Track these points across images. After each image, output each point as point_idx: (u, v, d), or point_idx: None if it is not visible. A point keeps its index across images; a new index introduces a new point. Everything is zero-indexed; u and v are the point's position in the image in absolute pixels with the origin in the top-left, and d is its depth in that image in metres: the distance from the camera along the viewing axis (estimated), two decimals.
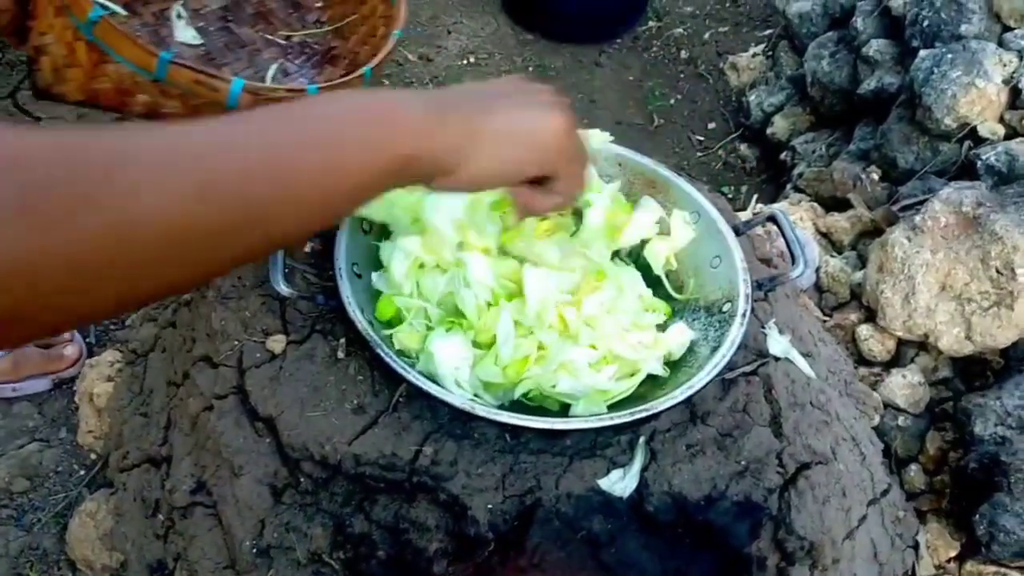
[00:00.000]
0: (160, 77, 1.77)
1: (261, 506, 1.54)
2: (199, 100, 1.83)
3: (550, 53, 3.89)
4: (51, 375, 2.15)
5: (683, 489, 1.52)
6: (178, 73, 1.77)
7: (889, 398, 2.19)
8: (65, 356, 2.15)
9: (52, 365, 2.14)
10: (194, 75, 1.78)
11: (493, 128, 0.93)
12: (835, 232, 2.57)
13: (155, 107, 1.86)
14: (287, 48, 2.35)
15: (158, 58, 1.75)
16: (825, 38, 3.24)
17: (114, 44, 1.76)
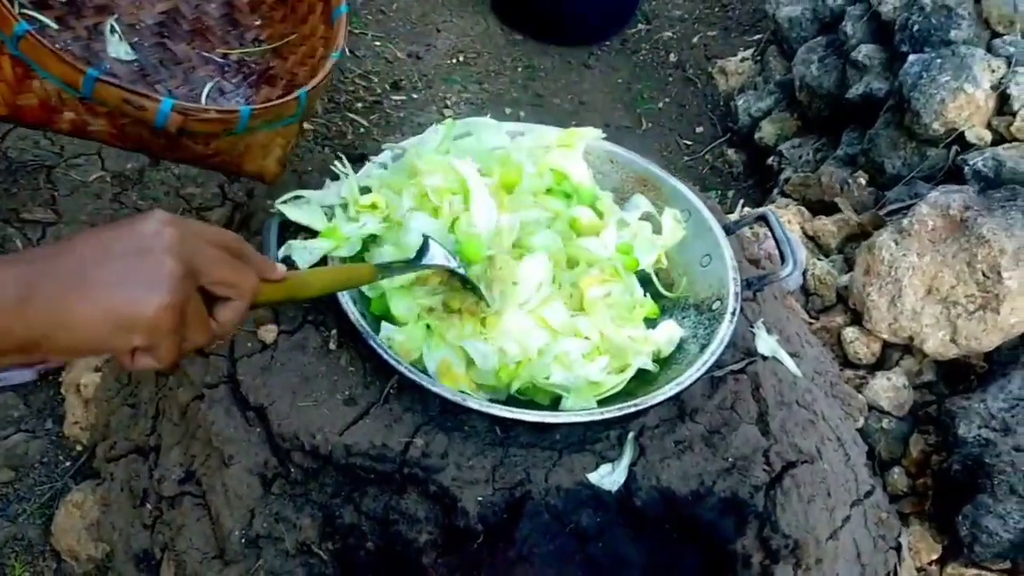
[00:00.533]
0: (87, 95, 1.74)
1: (251, 496, 1.54)
2: (126, 119, 1.80)
3: (539, 54, 3.89)
4: (36, 366, 2.13)
5: (671, 484, 1.54)
6: (106, 91, 1.74)
7: (873, 400, 2.20)
8: None
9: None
10: (122, 94, 1.75)
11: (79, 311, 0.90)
12: (822, 235, 2.58)
13: (82, 125, 1.84)
14: (224, 66, 2.32)
15: (85, 75, 1.72)
16: (814, 43, 3.25)
17: (40, 60, 1.73)
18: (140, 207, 2.52)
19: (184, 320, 0.97)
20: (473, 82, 3.66)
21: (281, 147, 2.05)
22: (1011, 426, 1.94)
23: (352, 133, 3.14)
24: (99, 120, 1.82)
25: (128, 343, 0.94)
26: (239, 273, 1.04)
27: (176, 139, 1.85)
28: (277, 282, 1.14)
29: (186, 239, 0.97)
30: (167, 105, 1.75)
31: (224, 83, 2.29)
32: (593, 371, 1.61)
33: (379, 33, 3.72)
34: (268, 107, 1.92)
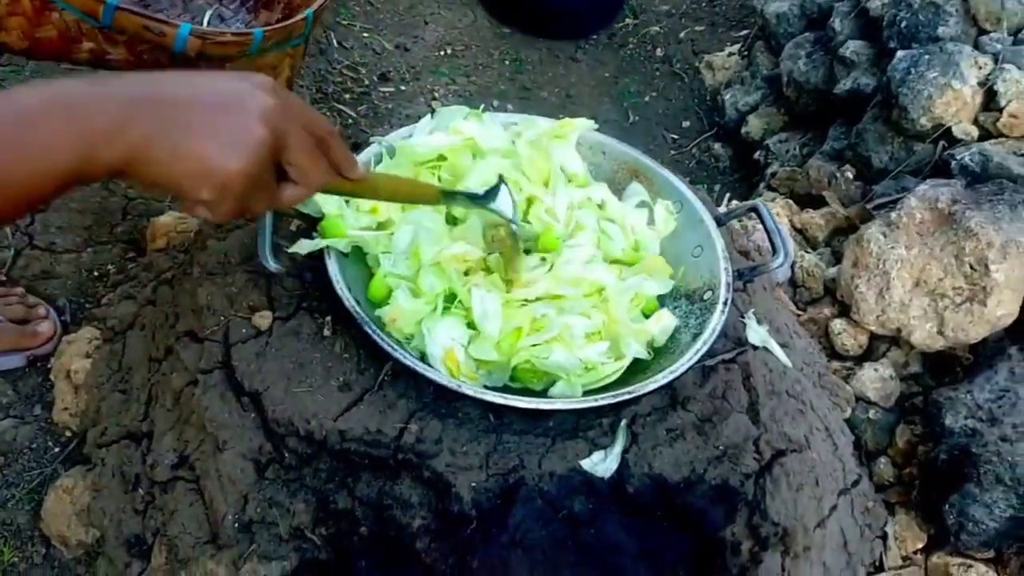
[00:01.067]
0: (107, 24, 1.77)
1: (244, 481, 1.55)
2: (145, 46, 1.83)
3: (526, 47, 3.89)
4: (25, 352, 2.12)
5: (663, 472, 1.55)
6: (126, 19, 1.78)
7: (860, 391, 2.21)
8: (39, 333, 2.13)
9: (26, 341, 2.11)
10: (143, 21, 1.79)
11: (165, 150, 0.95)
12: (810, 229, 2.60)
13: (101, 54, 1.87)
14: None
15: (105, 4, 1.76)
16: (802, 38, 3.26)
17: None
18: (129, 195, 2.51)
19: (253, 191, 1.03)
20: (461, 74, 3.65)
21: (289, 68, 2.11)
22: (997, 416, 1.95)
23: (340, 123, 3.14)
24: (118, 49, 1.86)
25: (198, 193, 0.99)
26: (316, 165, 1.10)
27: (194, 63, 1.89)
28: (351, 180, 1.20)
29: (283, 112, 1.02)
30: (186, 30, 1.80)
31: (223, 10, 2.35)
32: (592, 353, 1.62)
33: (367, 25, 3.71)
34: (279, 28, 1.97)
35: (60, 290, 2.29)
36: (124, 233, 2.43)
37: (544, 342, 1.58)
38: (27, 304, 2.17)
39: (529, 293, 1.63)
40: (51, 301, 2.25)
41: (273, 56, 2.03)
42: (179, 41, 1.80)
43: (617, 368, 1.64)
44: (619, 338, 1.66)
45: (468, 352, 1.57)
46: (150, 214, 2.42)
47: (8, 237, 2.32)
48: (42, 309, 2.18)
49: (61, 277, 2.31)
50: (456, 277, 1.61)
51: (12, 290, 2.19)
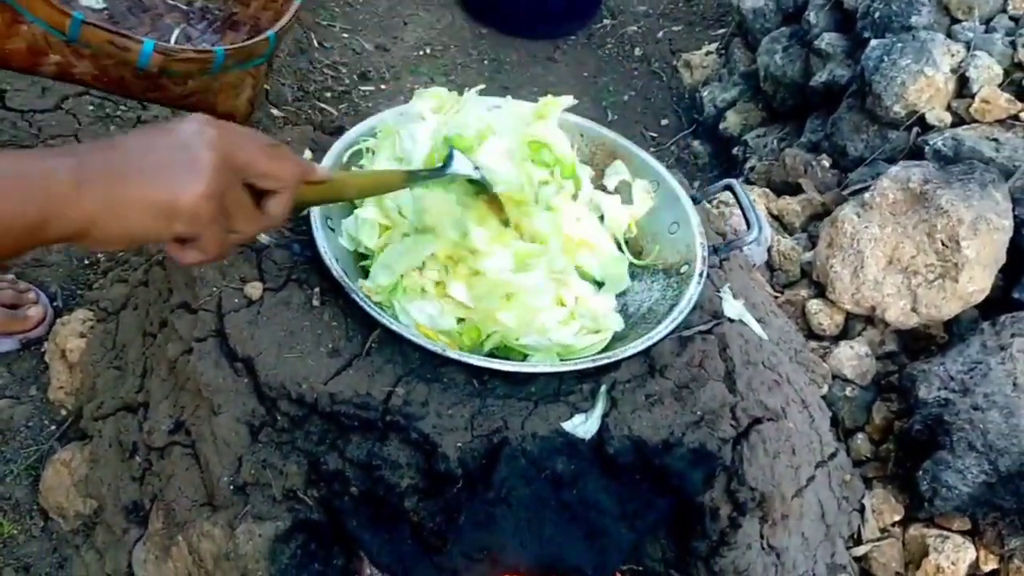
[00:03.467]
0: (73, 38, 1.83)
1: (239, 444, 1.59)
2: (110, 60, 1.89)
3: (505, 47, 3.94)
4: (17, 335, 2.17)
5: (642, 435, 1.60)
6: (91, 34, 1.84)
7: (837, 369, 2.26)
8: (30, 317, 2.18)
9: (18, 325, 2.16)
10: (107, 36, 1.85)
11: (126, 199, 0.98)
12: (787, 215, 2.65)
13: (67, 67, 1.92)
14: (188, 13, 2.44)
15: (71, 18, 1.81)
16: (778, 33, 3.31)
17: (27, 4, 1.82)
18: None
19: (226, 211, 1.05)
20: (440, 74, 3.70)
21: (251, 87, 2.16)
22: (969, 387, 2.00)
23: (321, 121, 3.18)
24: (83, 62, 1.91)
25: (171, 230, 1.02)
26: (280, 164, 1.13)
27: (156, 79, 1.95)
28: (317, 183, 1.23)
29: (225, 136, 1.05)
30: (149, 46, 1.86)
31: (190, 29, 2.41)
32: (567, 335, 1.67)
33: (346, 25, 3.76)
34: (241, 47, 2.03)
35: (51, 277, 2.34)
36: None
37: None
38: (18, 289, 2.21)
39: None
40: (43, 288, 2.29)
41: (235, 75, 2.08)
42: (143, 57, 1.86)
43: (599, 340, 1.70)
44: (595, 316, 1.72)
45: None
46: None
47: None
48: (32, 294, 2.23)
49: (52, 265, 2.37)
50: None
51: (3, 277, 2.23)
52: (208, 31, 2.40)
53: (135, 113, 2.81)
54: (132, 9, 2.34)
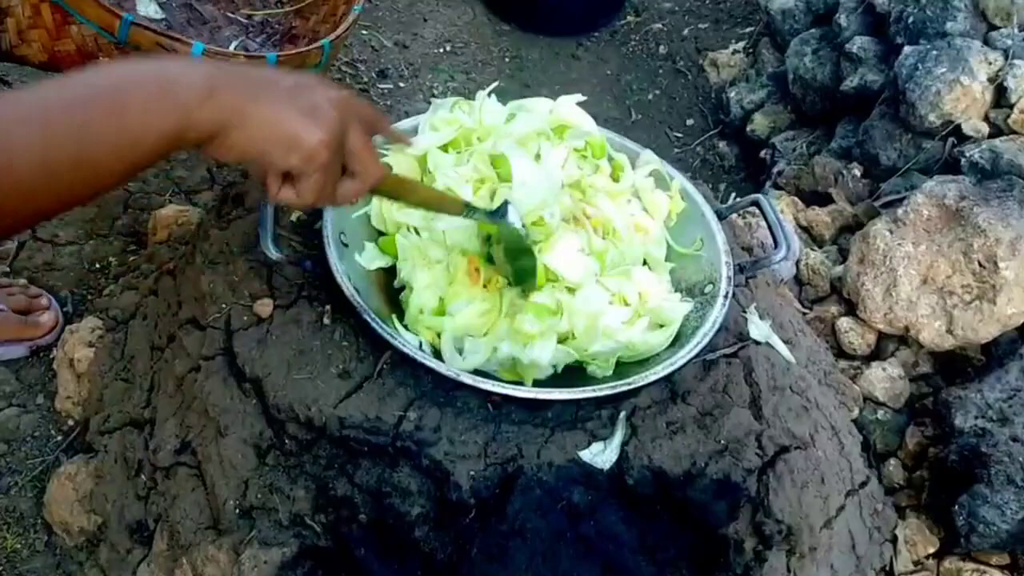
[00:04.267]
0: (122, 39, 1.82)
1: (245, 466, 1.55)
2: None
3: (526, 44, 3.86)
4: (28, 341, 2.13)
5: (663, 464, 1.55)
6: (140, 35, 1.83)
7: (869, 391, 2.20)
8: (41, 323, 2.14)
9: (28, 331, 2.13)
10: (157, 38, 1.84)
11: (257, 113, 1.02)
12: (816, 226, 2.59)
13: None
14: (248, 26, 2.43)
15: (121, 19, 1.80)
16: (808, 35, 3.23)
17: (78, 6, 1.81)
18: (130, 188, 2.52)
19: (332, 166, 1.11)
20: (460, 72, 3.64)
21: None
22: (1008, 416, 1.93)
23: None
24: None
25: (285, 161, 1.07)
26: (374, 159, 1.19)
27: None
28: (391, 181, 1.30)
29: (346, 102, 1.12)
30: (198, 49, 1.85)
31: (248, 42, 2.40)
32: (634, 335, 1.63)
33: (365, 22, 3.70)
34: (293, 54, 2.02)
35: (62, 282, 2.30)
36: (125, 226, 2.44)
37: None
38: (29, 295, 2.18)
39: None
40: (53, 293, 2.26)
41: None
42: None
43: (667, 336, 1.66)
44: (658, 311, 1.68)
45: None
46: (152, 207, 2.43)
47: None
48: (44, 300, 2.19)
49: (63, 269, 2.32)
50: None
51: (15, 281, 2.20)
52: (267, 44, 2.39)
53: None
54: (191, 21, 2.34)
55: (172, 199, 2.51)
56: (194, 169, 2.66)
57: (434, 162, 1.73)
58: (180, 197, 2.56)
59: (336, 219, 1.62)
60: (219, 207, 1.84)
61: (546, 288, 1.63)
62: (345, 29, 2.13)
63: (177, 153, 2.66)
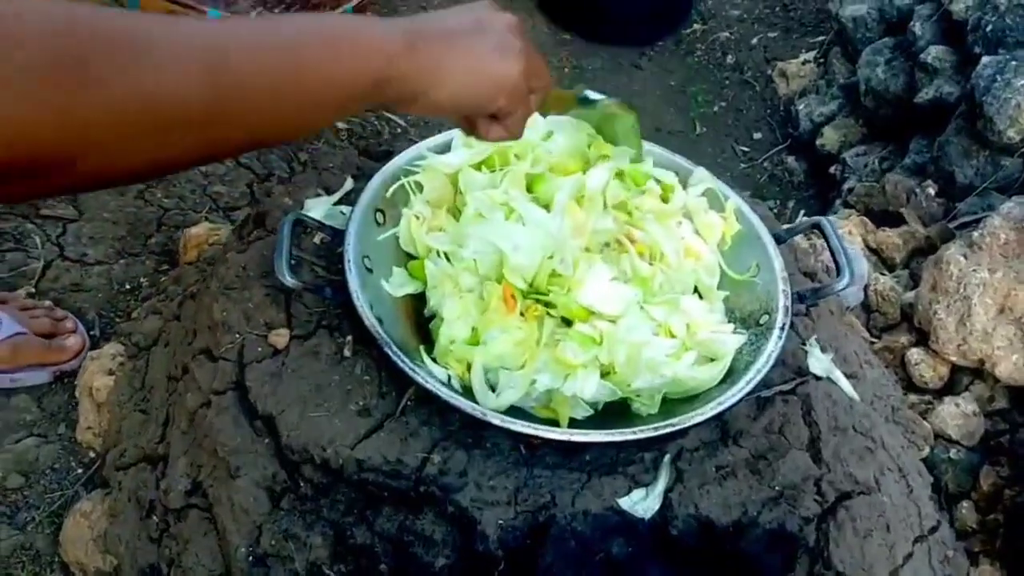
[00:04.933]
0: (134, 6, 1.79)
1: (258, 511, 1.45)
2: None
3: (587, 54, 3.77)
4: (51, 367, 2.06)
5: (710, 513, 1.42)
6: (151, 3, 1.81)
7: (940, 428, 2.06)
8: (67, 347, 2.07)
9: (52, 356, 2.05)
10: (168, 5, 1.81)
11: (458, 64, 1.05)
12: (886, 249, 2.45)
13: None
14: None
15: None
16: (880, 44, 3.12)
17: None
18: (164, 205, 2.44)
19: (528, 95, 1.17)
20: None
21: None
22: None
23: (388, 132, 3.06)
24: None
25: (494, 102, 1.12)
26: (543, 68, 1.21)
27: None
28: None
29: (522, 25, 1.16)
30: (214, 15, 1.78)
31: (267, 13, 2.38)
32: (681, 369, 1.50)
33: None
34: None
35: (90, 304, 2.23)
36: (158, 244, 2.36)
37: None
38: (54, 318, 2.10)
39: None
40: (81, 315, 2.18)
41: None
42: None
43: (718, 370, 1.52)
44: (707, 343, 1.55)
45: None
46: (186, 224, 2.34)
47: (38, 248, 2.26)
48: (70, 323, 2.11)
49: (91, 290, 2.25)
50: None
51: (39, 303, 2.13)
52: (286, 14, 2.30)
53: None
54: None
55: (208, 216, 2.43)
56: (233, 184, 2.59)
57: (466, 182, 1.62)
58: (218, 214, 2.48)
59: (359, 242, 1.52)
60: (240, 228, 1.75)
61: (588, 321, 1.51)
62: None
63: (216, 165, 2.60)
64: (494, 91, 1.10)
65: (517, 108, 1.15)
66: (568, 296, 1.49)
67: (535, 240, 1.51)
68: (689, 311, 1.57)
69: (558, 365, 1.46)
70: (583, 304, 1.49)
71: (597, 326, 1.49)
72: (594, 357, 1.47)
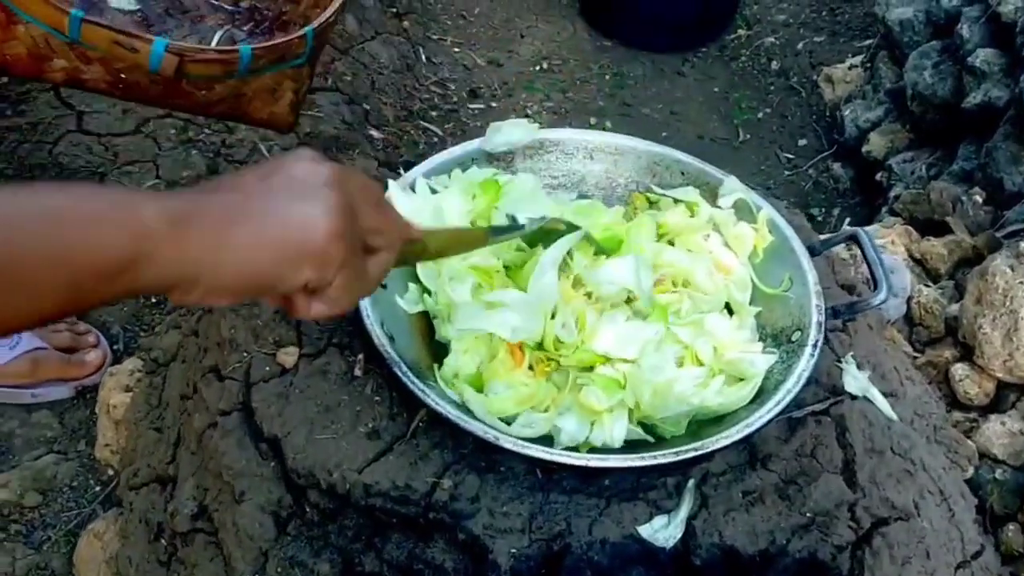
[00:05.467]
0: (75, 38, 1.69)
1: (264, 537, 1.41)
2: (121, 64, 1.74)
3: (629, 61, 3.75)
4: (72, 382, 2.07)
5: (736, 542, 1.37)
6: (94, 33, 1.69)
7: (985, 447, 2.01)
8: (87, 362, 2.07)
9: (73, 371, 2.05)
10: (112, 35, 1.70)
11: (242, 240, 0.84)
12: (931, 259, 2.39)
13: (75, 74, 1.78)
14: (234, 14, 2.27)
15: (69, 16, 1.67)
16: (928, 47, 3.06)
17: (21, 3, 1.68)
18: None
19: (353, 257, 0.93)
20: (556, 90, 3.54)
21: (292, 91, 1.98)
22: None
23: (425, 143, 3.05)
24: (93, 67, 1.77)
25: (298, 277, 0.89)
26: (391, 221, 1.03)
27: (176, 84, 1.78)
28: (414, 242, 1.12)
29: (343, 178, 0.93)
30: (160, 46, 1.70)
31: (235, 31, 2.25)
32: (709, 396, 1.45)
33: (458, 39, 3.65)
34: (271, 45, 1.85)
35: (115, 317, 2.23)
36: None
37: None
38: (76, 332, 2.10)
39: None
40: (105, 328, 2.19)
41: (270, 78, 1.91)
42: (153, 58, 1.70)
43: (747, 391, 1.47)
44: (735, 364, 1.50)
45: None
46: None
47: None
48: (92, 337, 2.11)
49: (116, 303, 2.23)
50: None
51: None
52: (255, 33, 2.26)
53: (219, 137, 2.69)
54: (170, 11, 2.21)
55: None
56: None
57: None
58: None
59: None
60: None
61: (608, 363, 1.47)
62: (331, 15, 1.96)
63: None
64: (293, 264, 0.88)
65: (335, 276, 0.91)
66: (579, 353, 1.45)
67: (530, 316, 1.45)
68: (715, 331, 1.52)
69: (583, 410, 1.41)
70: (599, 352, 1.45)
71: (619, 368, 1.45)
72: (620, 400, 1.42)
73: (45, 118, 2.65)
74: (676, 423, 1.45)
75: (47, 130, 2.63)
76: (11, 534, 1.89)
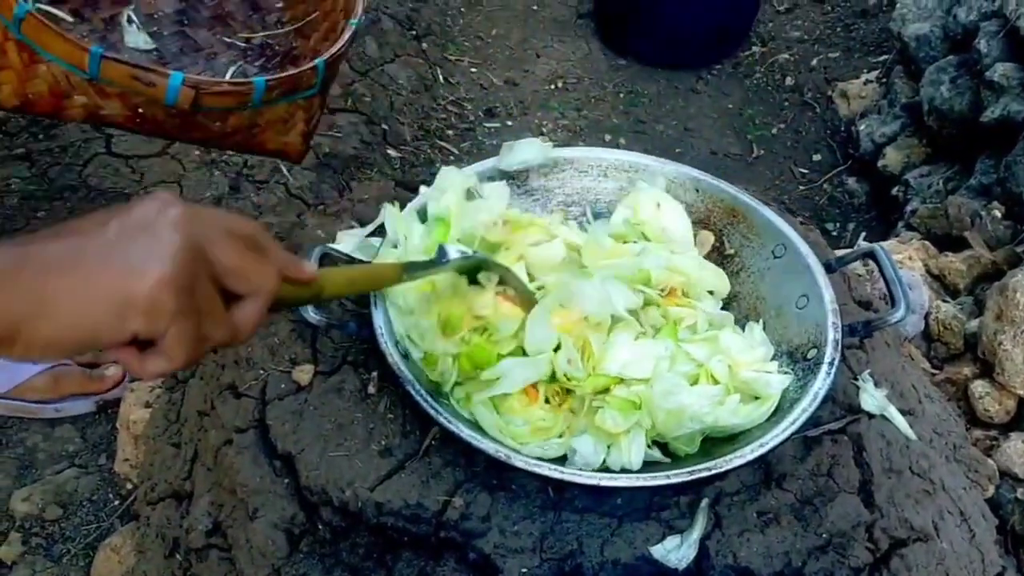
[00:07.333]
0: (94, 75, 1.73)
1: (276, 554, 1.41)
2: (139, 98, 1.78)
3: (643, 79, 3.77)
4: (93, 396, 2.09)
5: (751, 563, 1.36)
6: (113, 69, 1.74)
7: (1006, 466, 1.99)
8: (107, 377, 2.09)
9: (93, 385, 2.08)
10: (130, 71, 1.74)
11: (66, 289, 0.78)
12: (949, 274, 2.37)
13: (94, 109, 1.82)
14: (247, 50, 2.33)
15: (89, 53, 1.71)
16: (945, 62, 3.04)
17: (43, 41, 1.72)
18: None
19: (193, 306, 0.85)
20: (571, 108, 3.56)
21: (303, 121, 2.03)
22: None
23: (441, 161, 3.07)
24: (111, 103, 1.81)
25: (124, 328, 0.81)
26: (256, 266, 0.93)
27: (191, 117, 1.83)
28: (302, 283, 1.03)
29: (194, 220, 0.87)
30: (177, 79, 1.73)
31: (247, 67, 2.30)
32: (724, 414, 1.44)
33: (476, 60, 3.69)
34: (284, 77, 1.89)
35: None
36: None
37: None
38: None
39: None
40: None
41: (283, 109, 1.96)
42: (170, 92, 1.74)
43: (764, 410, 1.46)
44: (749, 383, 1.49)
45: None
46: None
47: None
48: None
49: None
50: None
51: None
52: (267, 67, 2.31)
53: (241, 158, 2.71)
54: (184, 49, 2.26)
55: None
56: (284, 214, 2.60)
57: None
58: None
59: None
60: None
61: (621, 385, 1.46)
62: (341, 47, 2.01)
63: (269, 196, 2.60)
64: (119, 317, 0.80)
65: (166, 328, 0.83)
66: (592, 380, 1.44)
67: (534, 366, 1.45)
68: (730, 349, 1.51)
69: (599, 433, 1.41)
70: (611, 375, 1.45)
71: (634, 389, 1.44)
72: (636, 422, 1.42)
73: (75, 141, 2.72)
74: (690, 440, 1.44)
75: (77, 152, 2.70)
76: (32, 547, 1.91)
